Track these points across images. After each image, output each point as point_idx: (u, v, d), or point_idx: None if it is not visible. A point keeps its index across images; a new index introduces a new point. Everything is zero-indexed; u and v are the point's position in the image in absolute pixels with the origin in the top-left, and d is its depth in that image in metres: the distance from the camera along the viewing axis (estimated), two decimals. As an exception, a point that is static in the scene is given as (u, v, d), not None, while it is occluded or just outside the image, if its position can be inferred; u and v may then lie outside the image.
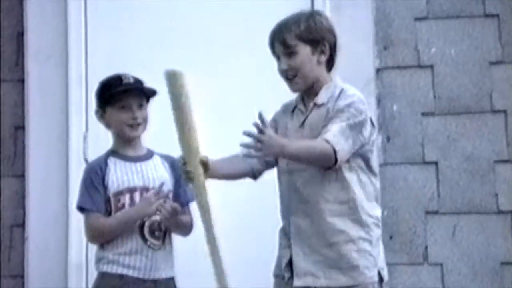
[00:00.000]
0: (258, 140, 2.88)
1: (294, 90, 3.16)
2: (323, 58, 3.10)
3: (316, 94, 3.11)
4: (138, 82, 3.35)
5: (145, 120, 3.37)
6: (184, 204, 3.46)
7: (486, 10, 3.97)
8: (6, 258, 4.02)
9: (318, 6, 3.90)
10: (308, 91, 3.13)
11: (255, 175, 3.18)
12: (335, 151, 2.92)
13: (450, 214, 3.89)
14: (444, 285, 3.85)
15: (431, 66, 3.97)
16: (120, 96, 3.32)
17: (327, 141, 2.91)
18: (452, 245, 3.86)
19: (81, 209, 3.34)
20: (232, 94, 4.04)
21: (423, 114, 3.95)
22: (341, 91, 3.07)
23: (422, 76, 3.97)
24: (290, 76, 3.10)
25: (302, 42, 3.07)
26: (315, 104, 3.09)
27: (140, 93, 3.36)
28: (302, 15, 3.15)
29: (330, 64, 3.15)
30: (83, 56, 4.09)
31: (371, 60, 3.96)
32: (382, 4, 4.01)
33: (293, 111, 3.18)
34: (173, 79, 2.95)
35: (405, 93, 3.96)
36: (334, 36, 3.14)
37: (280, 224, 3.19)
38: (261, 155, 2.95)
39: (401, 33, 4.00)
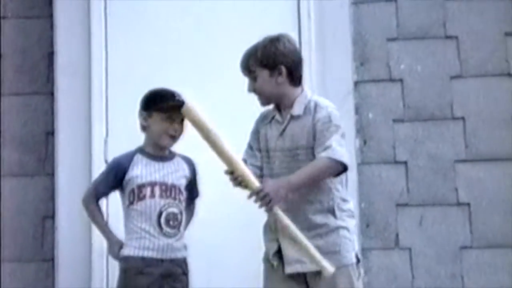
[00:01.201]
0: (263, 197, 3.06)
1: (261, 105, 3.41)
2: (281, 79, 3.29)
3: (290, 106, 3.30)
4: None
5: (180, 135, 3.56)
6: (192, 199, 3.70)
7: (447, 32, 4.16)
8: (39, 245, 4.17)
9: (304, 29, 4.16)
10: (281, 104, 3.34)
11: (262, 176, 3.35)
12: (341, 162, 3.16)
13: (417, 206, 4.07)
14: (412, 267, 4.02)
15: (401, 80, 4.15)
16: (171, 108, 3.45)
17: (330, 158, 3.13)
18: (419, 232, 4.05)
19: (93, 185, 3.67)
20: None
21: (394, 120, 4.12)
22: (316, 104, 3.29)
23: (393, 88, 4.15)
24: (256, 95, 3.37)
25: (260, 67, 3.30)
26: (291, 116, 3.29)
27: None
28: (262, 43, 3.35)
29: (295, 80, 3.33)
30: (103, 72, 4.21)
31: (350, 75, 4.12)
32: (359, 27, 4.18)
33: (270, 121, 3.37)
34: (188, 111, 3.19)
35: (379, 103, 4.12)
36: (293, 57, 3.31)
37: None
38: (276, 204, 3.10)
39: (375, 52, 4.17)
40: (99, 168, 4.04)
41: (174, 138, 3.56)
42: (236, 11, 4.28)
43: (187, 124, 3.49)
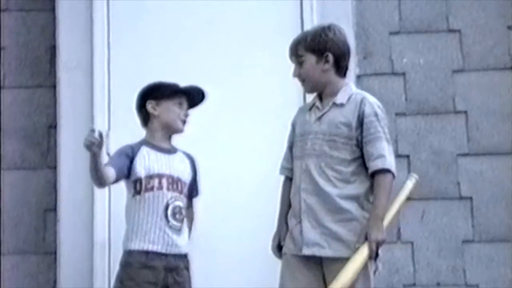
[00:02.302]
0: (377, 246, 3.16)
1: (306, 92, 3.51)
2: (327, 66, 3.34)
3: (332, 95, 3.35)
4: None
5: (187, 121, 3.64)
6: (192, 197, 3.71)
7: (450, 26, 4.20)
8: (41, 237, 4.18)
9: (306, 23, 4.12)
10: (324, 92, 3.38)
11: (291, 178, 3.44)
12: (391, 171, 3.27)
13: (420, 200, 4.02)
14: (414, 261, 4.04)
15: (403, 74, 4.18)
16: (180, 94, 3.59)
17: (385, 170, 3.23)
18: (421, 226, 4.07)
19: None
20: (249, 94, 4.18)
21: (396, 114, 4.13)
22: (363, 98, 3.34)
23: (396, 82, 4.17)
24: (300, 81, 3.42)
25: (308, 52, 3.36)
26: (334, 103, 3.34)
27: (187, 97, 3.63)
28: (314, 29, 3.45)
29: (340, 70, 3.40)
30: (105, 65, 4.23)
31: (352, 68, 3.93)
32: (361, 21, 4.21)
33: (310, 108, 3.42)
34: None
35: (381, 96, 3.97)
36: (341, 47, 3.38)
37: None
38: (384, 238, 3.20)
39: (377, 45, 4.20)
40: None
41: (184, 123, 3.62)
42: (239, 7, 4.30)
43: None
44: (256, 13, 4.27)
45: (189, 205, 3.71)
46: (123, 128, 4.05)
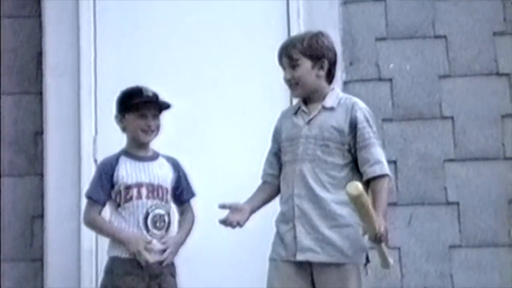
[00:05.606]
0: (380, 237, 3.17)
1: (294, 96, 3.50)
2: (322, 73, 3.35)
3: (320, 99, 3.35)
4: (155, 95, 3.57)
5: (157, 128, 3.57)
6: (186, 201, 3.67)
7: (436, 32, 4.21)
8: (28, 244, 4.19)
9: (293, 29, 4.14)
10: (311, 97, 3.37)
11: (278, 184, 3.44)
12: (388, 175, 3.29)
13: (407, 205, 4.10)
14: (401, 266, 4.05)
15: (390, 79, 4.20)
16: (139, 105, 3.53)
17: (384, 175, 3.25)
18: (408, 231, 4.09)
19: (88, 197, 3.57)
20: (235, 99, 4.21)
21: (383, 120, 4.14)
22: (354, 103, 3.34)
23: (382, 87, 4.19)
24: (292, 84, 3.39)
25: (304, 57, 3.33)
26: (323, 107, 3.34)
27: (156, 104, 3.56)
28: (307, 34, 3.42)
29: (331, 77, 3.40)
30: (92, 72, 4.23)
31: (339, 74, 3.95)
32: (348, 26, 4.22)
33: (295, 113, 3.40)
34: (354, 199, 3.05)
35: (368, 102, 3.65)
36: (334, 54, 3.40)
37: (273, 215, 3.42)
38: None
39: (364, 51, 4.21)
40: (88, 168, 4.13)
41: (148, 132, 3.57)
42: (225, 11, 4.31)
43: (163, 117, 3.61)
44: (242, 19, 4.29)
45: (184, 209, 3.68)
46: (110, 134, 3.97)
